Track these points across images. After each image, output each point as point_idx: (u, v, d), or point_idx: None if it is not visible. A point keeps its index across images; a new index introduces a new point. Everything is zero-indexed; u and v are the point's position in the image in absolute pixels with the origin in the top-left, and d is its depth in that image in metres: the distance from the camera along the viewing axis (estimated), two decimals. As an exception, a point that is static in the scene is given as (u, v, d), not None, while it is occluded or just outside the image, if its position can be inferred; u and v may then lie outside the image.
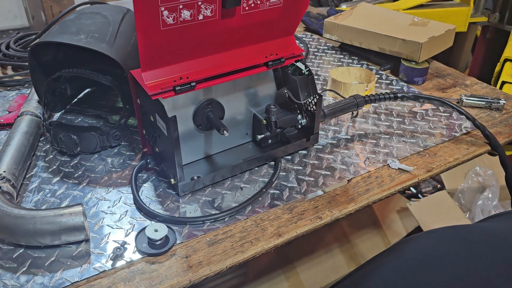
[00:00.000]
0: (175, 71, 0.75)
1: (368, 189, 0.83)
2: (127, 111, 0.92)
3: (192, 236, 0.72)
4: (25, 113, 0.93)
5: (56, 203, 0.79)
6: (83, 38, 0.84)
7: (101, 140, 0.90)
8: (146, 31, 0.67)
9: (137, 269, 0.67)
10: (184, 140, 0.82)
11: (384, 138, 0.98)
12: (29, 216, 0.68)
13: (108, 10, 0.96)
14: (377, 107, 1.10)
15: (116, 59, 0.83)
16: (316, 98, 0.86)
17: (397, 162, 0.89)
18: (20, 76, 1.20)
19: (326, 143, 0.96)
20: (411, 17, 1.35)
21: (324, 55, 1.38)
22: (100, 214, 0.77)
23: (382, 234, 1.56)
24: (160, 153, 0.83)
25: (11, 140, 0.85)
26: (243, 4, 0.74)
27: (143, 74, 0.72)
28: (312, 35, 1.53)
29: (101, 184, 0.84)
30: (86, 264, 0.67)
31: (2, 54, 1.24)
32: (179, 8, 0.68)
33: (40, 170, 0.87)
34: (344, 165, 0.89)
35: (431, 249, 0.78)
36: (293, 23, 0.84)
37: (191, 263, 0.68)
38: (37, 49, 0.90)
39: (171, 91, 0.73)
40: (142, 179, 0.85)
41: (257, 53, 0.82)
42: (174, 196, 0.81)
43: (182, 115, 0.80)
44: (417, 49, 1.18)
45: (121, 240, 0.71)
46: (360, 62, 1.33)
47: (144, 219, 0.76)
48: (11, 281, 0.64)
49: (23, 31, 1.52)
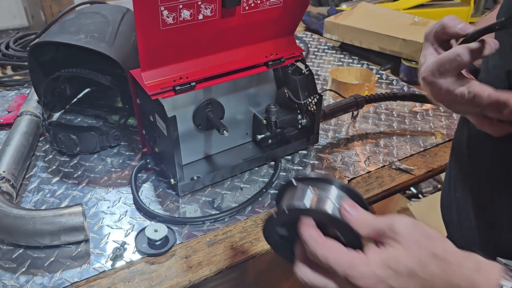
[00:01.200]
0: (175, 71, 0.74)
1: (368, 189, 0.83)
2: (127, 111, 0.92)
3: (192, 236, 0.72)
4: (24, 113, 0.92)
5: (56, 203, 0.79)
6: (82, 38, 0.84)
7: (101, 140, 0.90)
8: (146, 30, 0.66)
9: (136, 269, 0.67)
10: (184, 140, 0.82)
11: (384, 138, 0.98)
12: (29, 216, 0.67)
13: (108, 10, 0.96)
14: (378, 107, 1.09)
15: (115, 59, 0.82)
16: (316, 98, 0.86)
17: (398, 162, 0.89)
18: (20, 76, 1.20)
19: (326, 143, 0.96)
20: (412, 17, 1.35)
21: (324, 55, 1.38)
22: (99, 214, 0.77)
23: (382, 234, 1.56)
24: (159, 153, 0.82)
25: (10, 140, 0.85)
26: (243, 4, 0.74)
27: (143, 74, 0.72)
28: (312, 35, 1.53)
29: (100, 184, 0.83)
30: (86, 264, 0.67)
31: (1, 54, 1.24)
32: (179, 8, 0.68)
33: (40, 170, 0.87)
34: (344, 165, 0.89)
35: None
36: (293, 22, 0.84)
37: (191, 264, 0.68)
38: (36, 49, 0.90)
39: (171, 91, 0.73)
40: (142, 179, 0.84)
41: (257, 53, 0.82)
42: (174, 196, 0.80)
43: (182, 115, 0.80)
44: (417, 49, 1.18)
45: (121, 240, 0.71)
46: (361, 62, 1.33)
47: (144, 219, 0.76)
48: (11, 281, 0.64)
49: (23, 31, 1.51)
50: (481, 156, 0.62)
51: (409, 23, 1.32)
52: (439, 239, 0.45)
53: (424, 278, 0.43)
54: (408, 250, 0.44)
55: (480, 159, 0.63)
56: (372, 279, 0.44)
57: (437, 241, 0.44)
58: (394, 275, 0.43)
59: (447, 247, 0.44)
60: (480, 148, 0.62)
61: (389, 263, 0.44)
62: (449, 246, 0.44)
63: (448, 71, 0.52)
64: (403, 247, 0.44)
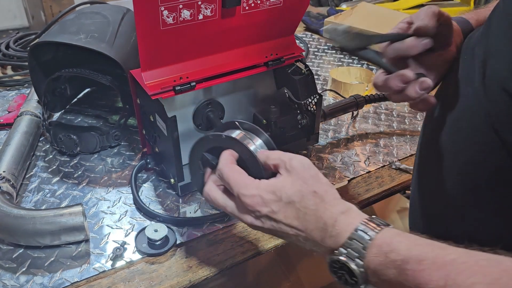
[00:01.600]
0: (175, 71, 0.74)
1: (368, 189, 0.83)
2: (127, 111, 0.92)
3: (192, 236, 0.72)
4: (24, 113, 0.92)
5: (56, 203, 0.79)
6: (82, 38, 0.84)
7: (101, 140, 0.90)
8: (146, 30, 0.66)
9: (136, 269, 0.67)
10: (184, 140, 0.82)
11: (384, 138, 0.98)
12: (29, 216, 0.67)
13: (108, 10, 0.96)
14: (377, 107, 1.10)
15: (116, 59, 0.82)
16: (316, 98, 0.86)
17: (398, 162, 0.89)
18: (20, 76, 1.20)
19: (326, 143, 0.96)
20: (411, 17, 1.35)
21: (324, 55, 1.38)
22: (99, 214, 0.77)
23: (382, 234, 1.56)
24: (160, 153, 0.82)
25: (10, 140, 0.85)
26: (243, 4, 0.74)
27: (143, 74, 0.72)
28: (312, 35, 1.53)
29: (100, 184, 0.83)
30: (86, 264, 0.67)
31: (1, 54, 1.24)
32: (179, 8, 0.68)
33: (40, 170, 0.87)
34: (344, 165, 0.89)
35: None
36: (293, 23, 0.84)
37: (191, 264, 0.68)
38: (36, 49, 0.90)
39: (171, 91, 0.73)
40: (142, 179, 0.85)
41: (257, 53, 0.82)
42: (174, 196, 0.80)
43: (182, 115, 0.80)
44: (417, 49, 1.18)
45: (121, 240, 0.71)
46: (360, 62, 1.33)
47: (144, 219, 0.76)
48: (11, 281, 0.64)
49: (23, 31, 1.51)
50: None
51: (409, 23, 1.31)
52: (325, 184, 0.52)
53: (299, 208, 0.50)
54: (293, 183, 0.51)
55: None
56: (258, 199, 0.51)
57: (322, 184, 0.51)
58: (276, 200, 0.51)
59: (329, 190, 0.51)
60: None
61: (275, 190, 0.51)
62: (332, 191, 0.51)
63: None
64: (291, 179, 0.51)
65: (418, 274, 0.41)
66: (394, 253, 0.43)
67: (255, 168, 0.57)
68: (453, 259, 0.40)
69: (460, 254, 0.41)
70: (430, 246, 0.42)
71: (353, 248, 0.46)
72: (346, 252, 0.46)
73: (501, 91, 0.47)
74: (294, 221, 0.50)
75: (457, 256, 0.40)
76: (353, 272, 0.45)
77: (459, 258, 0.40)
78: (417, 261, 0.41)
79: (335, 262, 0.47)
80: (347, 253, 0.46)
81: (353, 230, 0.46)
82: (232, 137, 0.58)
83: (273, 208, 0.51)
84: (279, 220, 0.51)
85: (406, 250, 0.43)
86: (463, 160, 0.54)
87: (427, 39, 0.58)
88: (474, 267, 0.38)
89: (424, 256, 0.41)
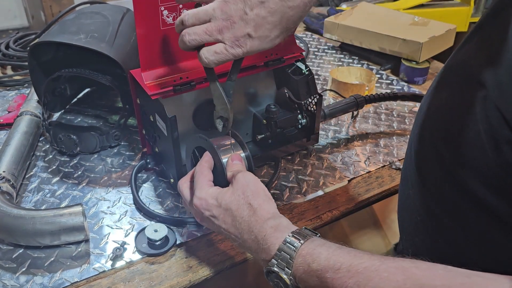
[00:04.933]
0: (175, 70, 0.74)
1: (369, 189, 0.83)
2: (127, 111, 0.92)
3: (192, 236, 0.72)
4: (24, 113, 0.92)
5: (56, 203, 0.79)
6: (82, 37, 0.84)
7: (101, 140, 0.90)
8: (146, 30, 0.66)
9: (136, 269, 0.67)
10: (184, 140, 0.82)
11: (384, 138, 0.98)
12: (29, 216, 0.67)
13: (108, 10, 0.96)
14: (378, 107, 1.09)
15: (115, 59, 0.82)
16: (316, 98, 0.86)
17: (398, 162, 0.89)
18: (20, 76, 1.19)
19: (326, 143, 0.96)
20: (412, 17, 1.35)
21: (325, 55, 1.38)
22: (99, 214, 0.77)
23: (382, 234, 1.56)
24: (160, 153, 0.82)
25: (10, 140, 0.85)
26: (243, 4, 0.73)
27: (143, 74, 0.72)
28: (312, 35, 1.53)
29: (100, 184, 0.83)
30: (86, 264, 0.67)
31: (1, 54, 1.24)
32: (179, 8, 0.68)
33: (40, 170, 0.87)
34: (344, 165, 0.89)
35: None
36: (293, 22, 0.84)
37: (191, 264, 0.68)
38: (36, 49, 0.90)
39: (171, 91, 0.73)
40: (142, 179, 0.84)
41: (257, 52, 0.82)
42: (174, 196, 0.80)
43: (182, 115, 0.80)
44: (417, 49, 1.18)
45: (121, 240, 0.71)
46: (361, 62, 1.33)
47: (144, 219, 0.76)
48: (11, 281, 0.64)
49: (23, 30, 1.51)
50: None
51: (409, 23, 1.32)
52: (262, 199, 0.57)
53: (235, 216, 0.56)
54: (233, 193, 0.58)
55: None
56: (203, 202, 0.59)
57: (259, 199, 0.57)
58: (217, 206, 0.58)
59: (264, 205, 0.56)
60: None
61: (217, 197, 0.59)
62: (266, 206, 0.56)
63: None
64: (233, 189, 0.58)
65: (335, 282, 0.46)
66: (315, 263, 0.48)
67: (220, 177, 0.64)
68: (365, 267, 0.45)
69: (373, 262, 0.45)
70: (348, 255, 0.47)
71: (282, 258, 0.51)
72: (277, 263, 0.51)
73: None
74: (231, 228, 0.57)
75: (370, 264, 0.45)
76: (285, 281, 0.51)
77: (371, 266, 0.45)
78: (334, 270, 0.46)
79: (269, 272, 0.52)
80: (278, 264, 0.51)
81: (282, 242, 0.52)
82: (212, 144, 0.65)
83: (214, 212, 0.58)
84: (219, 225, 0.58)
85: (325, 260, 0.48)
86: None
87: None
88: (383, 274, 0.43)
89: (339, 265, 0.46)
